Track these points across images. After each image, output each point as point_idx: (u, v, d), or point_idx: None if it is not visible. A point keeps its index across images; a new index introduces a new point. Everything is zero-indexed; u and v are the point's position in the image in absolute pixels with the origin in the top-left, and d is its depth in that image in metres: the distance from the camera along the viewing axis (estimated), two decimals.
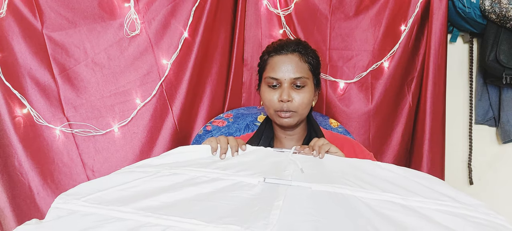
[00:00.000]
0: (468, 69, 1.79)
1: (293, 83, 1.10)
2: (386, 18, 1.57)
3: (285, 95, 1.08)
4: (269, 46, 1.19)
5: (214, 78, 1.57)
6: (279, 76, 1.10)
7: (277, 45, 1.16)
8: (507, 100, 1.70)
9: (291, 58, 1.12)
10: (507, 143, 1.76)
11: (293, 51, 1.13)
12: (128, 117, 1.47)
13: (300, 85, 1.11)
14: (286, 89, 1.09)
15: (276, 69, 1.11)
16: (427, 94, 1.56)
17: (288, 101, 1.09)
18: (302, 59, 1.13)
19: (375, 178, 0.89)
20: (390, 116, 1.62)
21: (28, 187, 1.43)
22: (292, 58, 1.12)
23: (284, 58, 1.12)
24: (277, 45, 1.16)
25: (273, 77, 1.11)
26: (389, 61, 1.58)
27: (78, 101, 1.45)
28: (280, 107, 1.10)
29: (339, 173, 0.91)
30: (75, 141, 1.45)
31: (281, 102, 1.09)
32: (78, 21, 1.44)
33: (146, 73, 1.48)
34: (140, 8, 1.46)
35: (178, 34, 1.48)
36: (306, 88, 1.12)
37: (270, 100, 1.11)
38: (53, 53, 1.43)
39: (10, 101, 1.40)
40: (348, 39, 1.59)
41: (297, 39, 1.21)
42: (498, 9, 1.52)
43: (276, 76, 1.10)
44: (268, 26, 1.58)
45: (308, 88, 1.13)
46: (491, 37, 1.58)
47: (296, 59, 1.12)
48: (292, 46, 1.14)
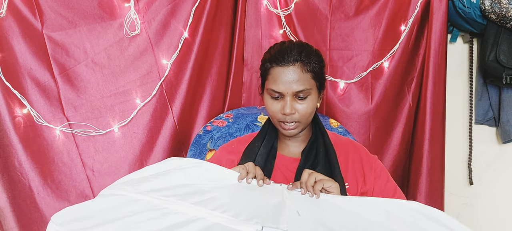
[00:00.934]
0: (468, 69, 1.79)
1: (296, 95, 1.09)
2: (386, 18, 1.57)
3: (288, 109, 1.07)
4: (270, 52, 1.15)
5: (214, 78, 1.57)
6: (281, 89, 1.08)
7: (278, 54, 1.11)
8: (507, 100, 1.70)
9: (293, 70, 1.09)
10: (507, 143, 1.76)
11: (295, 61, 1.09)
12: (128, 117, 1.47)
13: (303, 96, 1.09)
14: (288, 103, 1.08)
15: (278, 82, 1.09)
16: (427, 94, 1.56)
17: (291, 114, 1.08)
18: (304, 69, 1.09)
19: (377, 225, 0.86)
20: (390, 116, 1.62)
21: (28, 187, 1.43)
22: (294, 70, 1.09)
23: (285, 70, 1.09)
24: (278, 54, 1.11)
25: (275, 90, 1.09)
26: (389, 61, 1.58)
27: (78, 101, 1.45)
28: (283, 119, 1.10)
29: (339, 220, 0.88)
30: (75, 141, 1.45)
31: (284, 115, 1.09)
32: (78, 21, 1.44)
33: (146, 73, 1.48)
34: (140, 8, 1.46)
35: (178, 34, 1.48)
36: (309, 97, 1.10)
37: (273, 111, 1.11)
38: (53, 53, 1.43)
39: (10, 101, 1.40)
40: (348, 39, 1.59)
41: (299, 43, 1.16)
42: (498, 9, 1.52)
43: (278, 90, 1.09)
44: (268, 26, 1.58)
45: (311, 97, 1.10)
46: (491, 37, 1.58)
47: (298, 70, 1.09)
48: (294, 55, 1.09)
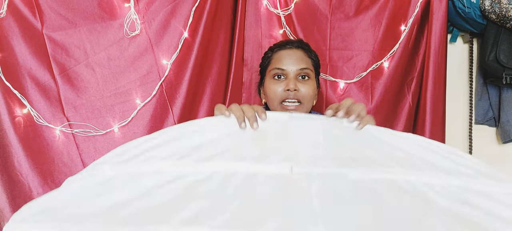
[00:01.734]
0: (468, 69, 1.79)
1: (299, 75, 1.14)
2: (386, 18, 1.57)
3: (292, 85, 1.11)
4: (272, 45, 1.25)
5: (214, 78, 1.57)
6: (285, 67, 1.14)
7: (281, 42, 1.23)
8: (507, 100, 1.70)
9: (296, 52, 1.18)
10: (507, 143, 1.76)
11: (297, 47, 1.20)
12: (128, 117, 1.47)
13: (305, 76, 1.14)
14: (292, 80, 1.13)
15: (283, 61, 1.16)
16: (427, 94, 1.56)
17: (295, 90, 1.11)
18: (306, 54, 1.19)
19: (433, 154, 0.74)
20: (390, 116, 1.62)
21: (28, 187, 1.43)
22: (297, 52, 1.18)
23: (289, 51, 1.18)
24: (281, 42, 1.23)
25: (280, 67, 1.14)
26: (389, 61, 1.58)
27: (78, 101, 1.45)
28: (286, 96, 1.12)
29: (384, 149, 0.75)
30: (75, 141, 1.45)
31: (287, 91, 1.11)
32: (78, 21, 1.44)
33: (146, 73, 1.48)
34: (140, 8, 1.46)
35: (178, 34, 1.48)
36: (310, 80, 1.16)
37: (275, 91, 1.13)
38: (53, 53, 1.43)
39: (10, 101, 1.40)
40: (348, 39, 1.59)
41: (299, 39, 1.28)
42: (498, 9, 1.52)
43: (283, 67, 1.14)
44: (268, 26, 1.58)
45: (311, 81, 1.17)
46: (491, 37, 1.58)
47: (301, 53, 1.18)
48: (296, 43, 1.21)
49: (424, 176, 0.70)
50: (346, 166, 0.73)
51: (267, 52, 1.24)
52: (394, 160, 0.75)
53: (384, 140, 0.81)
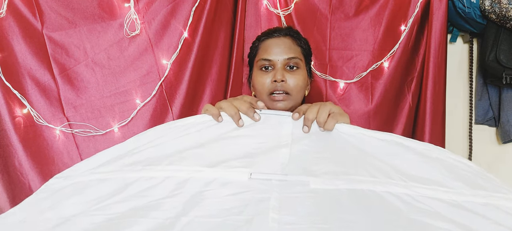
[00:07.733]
0: (468, 69, 1.79)
1: (287, 64, 1.07)
2: (386, 18, 1.57)
3: (279, 76, 1.04)
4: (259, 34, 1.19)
5: (214, 78, 1.57)
6: (272, 57, 1.07)
7: (268, 31, 1.15)
8: (507, 100, 1.70)
9: (284, 40, 1.11)
10: (507, 143, 1.76)
11: (285, 35, 1.13)
12: (128, 117, 1.47)
13: (293, 66, 1.08)
14: (279, 70, 1.06)
15: (269, 51, 1.09)
16: (427, 94, 1.56)
17: (282, 81, 1.05)
18: (295, 42, 1.12)
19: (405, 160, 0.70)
20: (390, 116, 1.62)
21: (28, 187, 1.43)
22: (285, 41, 1.11)
23: (276, 40, 1.11)
24: (268, 31, 1.15)
25: (266, 58, 1.08)
26: (389, 61, 1.58)
27: (78, 101, 1.45)
28: (274, 88, 1.05)
29: (353, 155, 0.71)
30: (75, 141, 1.45)
31: (274, 82, 1.05)
32: (78, 21, 1.44)
33: (146, 73, 1.48)
34: (140, 8, 1.46)
35: (178, 34, 1.48)
36: (300, 70, 1.09)
37: (262, 83, 1.07)
38: (53, 53, 1.43)
39: (10, 101, 1.40)
40: (348, 39, 1.59)
41: (288, 26, 1.20)
42: (498, 9, 1.52)
43: (269, 57, 1.08)
44: (268, 26, 1.58)
45: (301, 71, 1.09)
46: (491, 37, 1.58)
47: (289, 41, 1.11)
48: (284, 31, 1.14)
49: (392, 185, 0.66)
50: (309, 173, 0.68)
51: (254, 42, 1.17)
52: (362, 166, 0.70)
53: (353, 143, 0.77)
